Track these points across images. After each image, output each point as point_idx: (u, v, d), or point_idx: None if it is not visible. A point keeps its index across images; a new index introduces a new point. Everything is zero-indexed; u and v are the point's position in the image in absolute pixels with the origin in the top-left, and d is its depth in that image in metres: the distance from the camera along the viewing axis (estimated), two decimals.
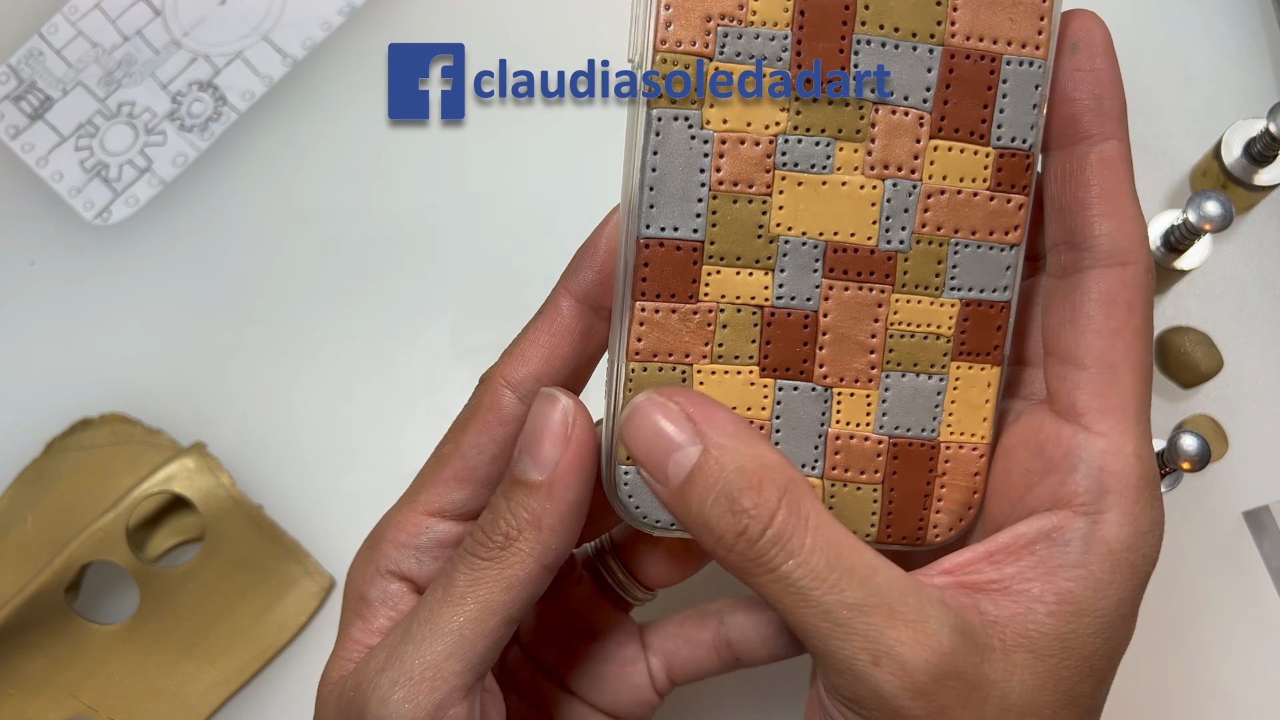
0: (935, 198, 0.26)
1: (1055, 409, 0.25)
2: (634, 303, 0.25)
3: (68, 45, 0.46)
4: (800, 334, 0.26)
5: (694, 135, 0.25)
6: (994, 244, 0.26)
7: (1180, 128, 0.43)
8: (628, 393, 0.26)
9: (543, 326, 0.27)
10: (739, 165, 0.25)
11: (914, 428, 0.27)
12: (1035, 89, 0.25)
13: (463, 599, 0.25)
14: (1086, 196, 0.25)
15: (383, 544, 0.27)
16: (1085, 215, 0.25)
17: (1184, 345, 0.40)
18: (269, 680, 0.40)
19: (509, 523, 0.25)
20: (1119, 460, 0.24)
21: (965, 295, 0.26)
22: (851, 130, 0.25)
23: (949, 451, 0.27)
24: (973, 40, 0.25)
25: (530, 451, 0.25)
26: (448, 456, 0.27)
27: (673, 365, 0.26)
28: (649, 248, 0.25)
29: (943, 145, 0.25)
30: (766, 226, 0.25)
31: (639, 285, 0.25)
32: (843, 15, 0.25)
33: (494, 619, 0.25)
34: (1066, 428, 0.25)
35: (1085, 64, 0.25)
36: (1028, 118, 0.25)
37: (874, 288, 0.26)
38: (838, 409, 0.26)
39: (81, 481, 0.42)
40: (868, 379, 0.26)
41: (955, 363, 0.27)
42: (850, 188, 0.25)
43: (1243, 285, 0.42)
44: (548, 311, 0.27)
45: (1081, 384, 0.25)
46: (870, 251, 0.26)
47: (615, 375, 0.26)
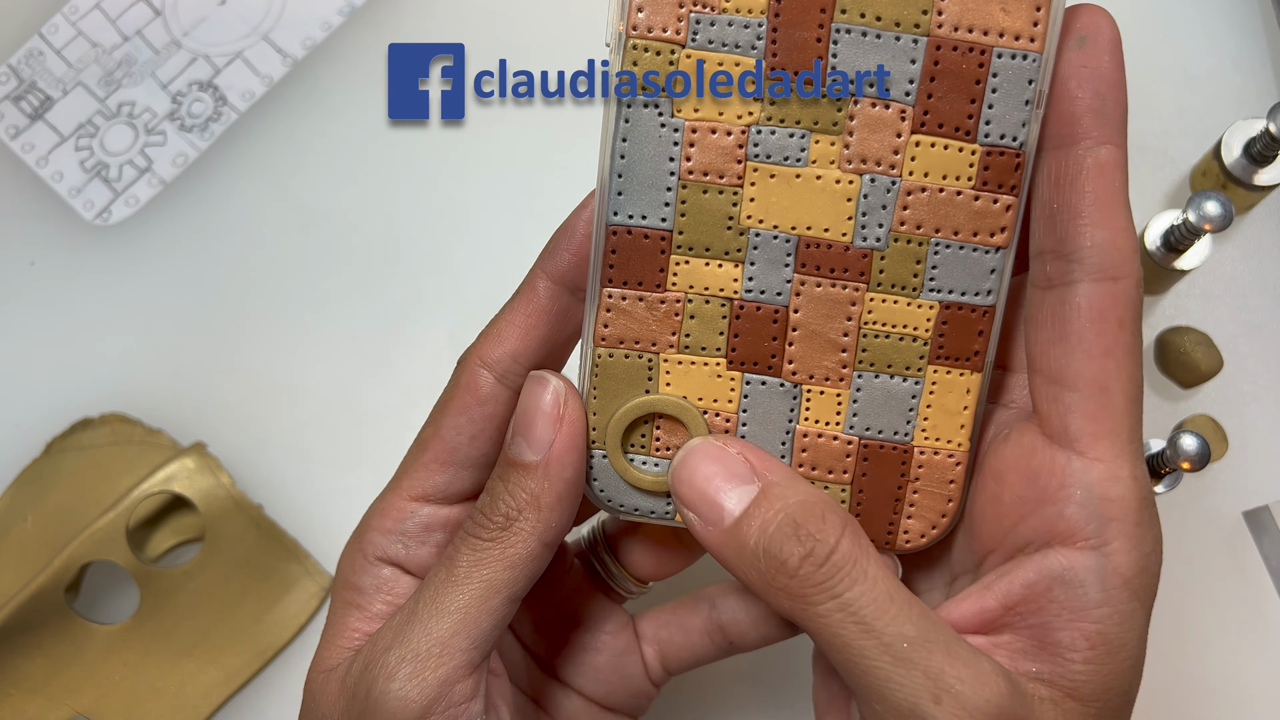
0: (915, 195, 0.25)
1: (1046, 432, 0.25)
2: (601, 289, 0.25)
3: (68, 45, 0.46)
4: (769, 328, 0.26)
5: (664, 124, 0.24)
6: (977, 245, 0.25)
7: (1180, 128, 0.43)
8: (594, 378, 0.26)
9: (519, 307, 0.27)
10: (709, 155, 0.25)
11: (886, 430, 0.26)
12: (1028, 84, 0.24)
13: (467, 579, 0.25)
14: (1079, 203, 0.24)
15: (369, 532, 0.27)
16: (1076, 223, 0.24)
17: (1184, 345, 0.40)
18: (269, 680, 0.40)
19: (508, 504, 0.25)
20: (1117, 486, 0.24)
21: (945, 297, 0.25)
22: (828, 123, 0.24)
23: (923, 457, 0.26)
24: (961, 31, 0.24)
25: (524, 433, 0.25)
26: (428, 440, 0.27)
27: (639, 353, 0.26)
28: (616, 235, 0.25)
29: (925, 141, 0.24)
30: (737, 218, 0.25)
31: (606, 272, 0.25)
32: (821, 3, 0.24)
33: (497, 597, 0.25)
34: (1060, 454, 0.24)
35: (1091, 60, 0.24)
36: (1018, 114, 0.24)
37: (847, 285, 0.25)
38: (806, 406, 0.26)
39: (81, 481, 0.41)
40: (838, 378, 0.26)
41: (932, 366, 0.26)
42: (825, 182, 0.25)
43: (1243, 285, 0.42)
44: (524, 293, 0.27)
45: (1073, 407, 0.24)
46: (845, 248, 0.25)
47: (584, 360, 0.26)
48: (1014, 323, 0.27)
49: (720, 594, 0.31)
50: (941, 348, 0.26)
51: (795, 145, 0.25)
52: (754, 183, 0.25)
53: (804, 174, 0.25)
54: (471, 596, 0.25)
